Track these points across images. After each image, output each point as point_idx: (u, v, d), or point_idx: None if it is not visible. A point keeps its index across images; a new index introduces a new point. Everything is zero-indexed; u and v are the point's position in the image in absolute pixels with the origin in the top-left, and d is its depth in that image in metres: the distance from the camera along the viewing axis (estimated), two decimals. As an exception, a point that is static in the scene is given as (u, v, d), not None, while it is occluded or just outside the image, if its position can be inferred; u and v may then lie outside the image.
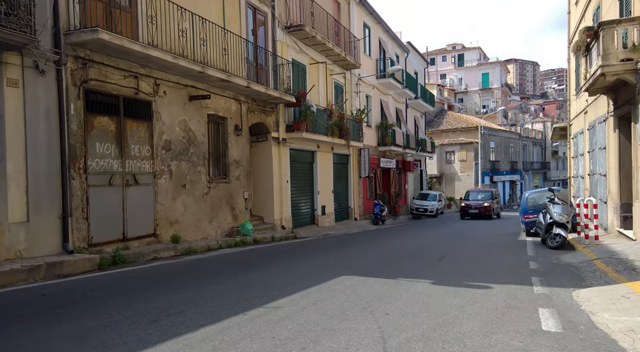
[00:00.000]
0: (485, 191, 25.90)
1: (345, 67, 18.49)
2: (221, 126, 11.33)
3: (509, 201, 41.66)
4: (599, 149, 12.81)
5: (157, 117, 8.97)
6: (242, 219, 11.72)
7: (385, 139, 22.63)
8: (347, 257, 8.85)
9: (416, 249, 10.19)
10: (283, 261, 8.06)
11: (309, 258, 8.61)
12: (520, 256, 8.99)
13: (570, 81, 18.76)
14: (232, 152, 11.54)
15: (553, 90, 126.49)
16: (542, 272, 6.80)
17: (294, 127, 14.28)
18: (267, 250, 9.94)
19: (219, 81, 10.26)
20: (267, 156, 13.57)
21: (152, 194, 8.79)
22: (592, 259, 7.65)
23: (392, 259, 8.54)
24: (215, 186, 10.81)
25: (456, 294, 5.14)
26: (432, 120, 41.92)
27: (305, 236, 13.51)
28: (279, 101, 13.27)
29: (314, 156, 16.54)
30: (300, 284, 5.71)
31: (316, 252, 9.69)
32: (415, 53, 30.00)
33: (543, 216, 10.86)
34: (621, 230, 10.48)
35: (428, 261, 8.30)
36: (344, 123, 16.94)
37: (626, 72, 9.07)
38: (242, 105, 11.97)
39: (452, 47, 67.40)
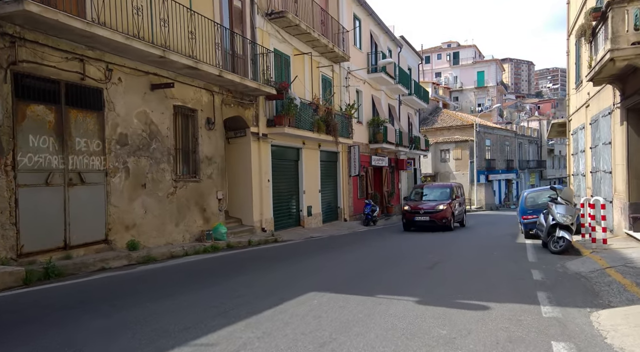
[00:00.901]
0: (442, 186, 17.20)
1: (333, 60, 17.46)
2: (190, 119, 10.26)
3: (505, 200, 40.82)
4: (603, 144, 11.86)
5: (109, 107, 7.89)
6: (214, 222, 10.66)
7: (376, 136, 21.63)
8: (326, 264, 7.82)
9: (405, 254, 9.19)
10: (250, 271, 7.02)
11: (281, 266, 7.58)
12: (521, 262, 8.01)
13: (569, 75, 17.84)
14: (203, 148, 10.47)
15: (548, 90, 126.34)
16: (549, 285, 5.80)
17: (276, 122, 13.23)
18: (239, 257, 8.89)
19: (185, 68, 9.20)
20: (246, 153, 12.52)
21: (103, 194, 7.71)
22: (604, 267, 6.67)
23: (376, 266, 7.52)
24: (182, 185, 9.74)
25: (445, 320, 4.12)
26: (427, 118, 41.02)
27: (288, 239, 12.47)
28: (258, 93, 12.21)
29: (299, 153, 15.50)
30: (255, 305, 4.67)
31: (293, 258, 8.66)
32: (409, 48, 29.03)
33: (544, 217, 9.89)
34: (630, 232, 9.53)
35: (417, 268, 7.30)
36: (332, 118, 15.90)
37: (638, 56, 8.10)
38: (216, 97, 10.91)
39: (447, 45, 66.51)
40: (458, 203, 16.50)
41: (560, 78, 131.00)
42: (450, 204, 15.28)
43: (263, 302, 4.77)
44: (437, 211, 14.82)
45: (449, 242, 11.73)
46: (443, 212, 14.78)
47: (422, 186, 18.09)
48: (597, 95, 12.52)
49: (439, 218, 14.70)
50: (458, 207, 16.36)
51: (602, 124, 11.95)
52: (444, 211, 14.81)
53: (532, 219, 11.89)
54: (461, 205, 17.29)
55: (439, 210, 14.84)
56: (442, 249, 10.31)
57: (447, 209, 14.92)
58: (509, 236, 13.42)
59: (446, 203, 15.17)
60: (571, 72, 17.34)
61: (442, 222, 14.73)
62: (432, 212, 14.85)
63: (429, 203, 15.44)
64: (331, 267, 7.58)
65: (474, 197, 35.56)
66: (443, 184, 18.19)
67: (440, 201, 15.47)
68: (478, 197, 35.68)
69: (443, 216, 14.74)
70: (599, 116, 12.33)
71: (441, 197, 15.81)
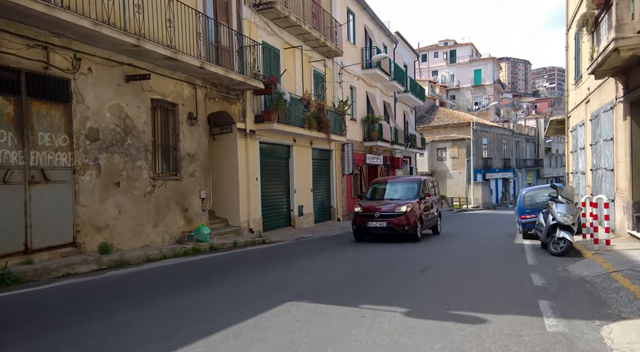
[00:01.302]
0: (407, 180, 13.10)
1: (325, 55, 16.92)
2: (171, 114, 9.70)
3: (502, 199, 40.43)
4: (604, 140, 11.38)
5: (78, 99, 7.32)
6: (197, 222, 10.11)
7: (371, 134, 21.12)
8: (311, 268, 7.29)
9: (396, 256, 8.67)
10: (228, 277, 6.48)
11: (263, 271, 7.04)
12: (520, 265, 7.51)
13: (568, 70, 17.38)
14: (184, 145, 9.92)
15: (544, 89, 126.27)
16: (551, 293, 5.30)
17: (264, 118, 12.68)
18: (220, 260, 8.35)
19: (164, 59, 8.64)
20: (232, 150, 11.97)
21: (71, 193, 7.14)
22: (609, 271, 6.17)
23: (365, 271, 7.00)
24: (162, 183, 9.18)
25: (437, 336, 3.61)
26: (424, 116, 40.58)
27: (276, 240, 11.94)
28: (244, 87, 11.66)
29: (290, 151, 14.96)
30: (223, 319, 4.13)
31: (278, 261, 8.12)
32: (405, 45, 28.52)
33: (544, 216, 9.40)
34: (634, 233, 9.05)
35: (407, 273, 6.78)
36: (324, 115, 15.36)
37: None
38: (198, 91, 10.35)
39: (444, 43, 66.09)
40: (430, 203, 12.43)
41: (557, 77, 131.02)
42: (418, 204, 11.28)
43: (233, 315, 4.24)
44: (397, 214, 10.82)
45: (443, 243, 11.22)
46: (406, 216, 10.75)
47: (385, 180, 13.72)
48: (598, 90, 12.05)
49: (400, 224, 10.69)
50: (430, 208, 12.35)
51: (604, 119, 11.47)
52: (407, 215, 10.77)
53: (530, 219, 11.41)
54: (434, 206, 12.96)
55: (399, 213, 10.82)
56: (435, 249, 9.79)
57: (412, 212, 10.87)
58: (506, 236, 12.94)
59: (411, 203, 11.06)
60: (570, 67, 16.87)
61: (404, 230, 10.71)
62: (390, 216, 10.85)
63: (388, 204, 11.34)
64: (317, 271, 7.05)
65: (471, 196, 35.12)
66: (409, 178, 13.70)
67: (403, 200, 11.38)
68: (475, 196, 35.25)
69: (405, 221, 10.70)
70: (599, 112, 11.86)
71: (406, 195, 11.75)
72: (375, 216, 11.02)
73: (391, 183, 13.01)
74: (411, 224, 10.78)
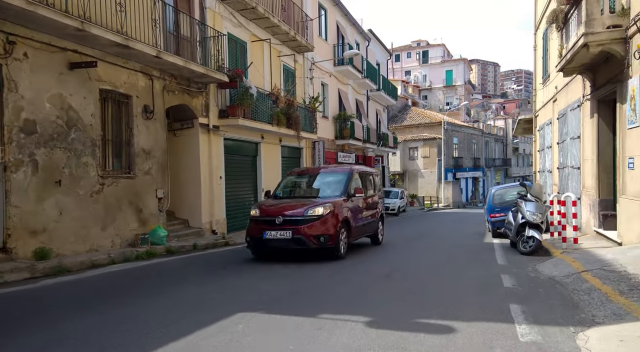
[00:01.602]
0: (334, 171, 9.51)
1: (296, 49, 16.41)
2: (124, 106, 8.97)
3: (472, 198, 41.10)
4: (571, 139, 11.44)
5: (10, 86, 6.54)
6: (153, 224, 9.42)
7: (343, 132, 20.78)
8: (271, 274, 6.79)
9: (365, 260, 8.30)
10: (176, 284, 5.91)
11: (219, 277, 6.49)
12: (490, 266, 7.28)
13: (536, 70, 17.59)
14: (139, 140, 9.21)
15: (512, 91, 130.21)
16: (522, 295, 5.02)
17: (229, 113, 12.07)
18: (173, 265, 7.73)
19: (114, 46, 7.92)
20: (194, 147, 11.30)
21: (1, 193, 6.36)
22: (579, 271, 5.98)
23: (329, 275, 6.57)
24: (112, 182, 8.46)
25: (399, 350, 3.20)
26: (396, 115, 40.71)
27: (240, 242, 11.34)
28: (207, 80, 11.02)
29: (258, 148, 14.38)
30: (149, 342, 3.58)
31: (236, 266, 7.57)
32: (378, 43, 28.38)
33: (513, 215, 9.27)
34: (600, 230, 9.04)
35: (373, 277, 6.40)
36: (293, 111, 14.87)
37: (613, 41, 7.52)
38: (155, 82, 9.65)
39: (416, 43, 66.74)
40: (365, 203, 9.11)
41: (524, 79, 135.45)
42: (341, 206, 7.93)
43: (169, 332, 3.70)
44: (307, 220, 7.41)
45: (414, 244, 10.98)
46: (320, 223, 7.42)
47: (305, 170, 10.43)
48: (565, 88, 12.11)
49: (310, 235, 7.32)
50: (364, 210, 8.99)
51: (570, 118, 11.52)
52: (323, 221, 7.44)
53: (500, 217, 11.32)
54: (373, 207, 9.65)
55: (312, 218, 7.43)
56: (404, 252, 9.50)
57: (331, 216, 7.55)
58: (476, 235, 12.84)
59: (331, 203, 7.71)
60: (538, 66, 17.06)
61: (318, 243, 7.38)
62: (297, 222, 7.42)
63: (296, 205, 7.81)
64: (276, 277, 6.57)
65: (442, 195, 35.47)
66: (336, 169, 10.17)
67: (322, 200, 7.96)
68: (445, 195, 35.62)
69: (321, 230, 7.39)
70: (567, 110, 11.92)
71: (329, 192, 8.36)
72: (277, 222, 7.41)
73: (312, 175, 9.41)
74: (329, 234, 7.37)
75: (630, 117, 7.34)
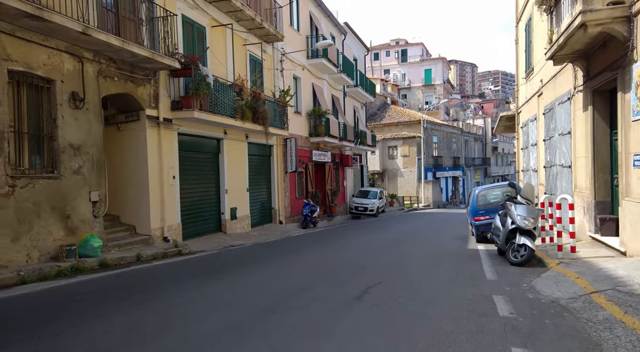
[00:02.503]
0: None
1: (264, 39, 15.07)
2: (44, 93, 7.48)
3: (452, 198, 40.55)
4: (560, 135, 10.51)
5: None
6: (85, 233, 7.96)
7: (318, 129, 19.55)
8: (217, 296, 5.48)
9: (333, 272, 7.08)
10: (83, 317, 4.53)
11: (152, 302, 5.14)
12: (478, 281, 6.15)
13: (517, 64, 16.77)
14: (65, 133, 7.73)
15: (490, 91, 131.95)
16: (525, 332, 3.88)
17: (183, 104, 10.65)
18: (98, 284, 6.32)
19: (24, 17, 6.45)
20: (140, 142, 9.85)
21: None
22: (588, 292, 4.90)
23: (290, 294, 5.31)
24: (27, 183, 6.96)
25: None
26: (375, 113, 39.79)
27: (198, 250, 9.99)
28: (155, 66, 9.59)
29: (220, 145, 13.00)
30: None
31: (181, 284, 6.23)
32: (355, 38, 27.26)
33: (501, 219, 8.22)
34: (597, 237, 8.08)
35: (342, 298, 5.17)
36: (260, 104, 13.53)
37: (615, 20, 6.52)
38: (87, 65, 8.17)
39: (395, 42, 66.23)
40: None
41: (501, 80, 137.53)
42: None
43: None
44: None
45: (392, 250, 9.82)
46: None
47: None
48: (552, 80, 11.19)
49: None
50: None
51: (559, 112, 10.60)
52: None
53: (485, 221, 10.30)
54: None
55: None
56: (380, 262, 8.33)
57: None
58: (458, 239, 11.80)
59: None
60: (520, 60, 16.23)
61: None
62: None
63: None
64: (221, 301, 5.26)
65: (422, 194, 34.70)
66: None
67: None
68: (425, 195, 34.87)
69: None
70: (554, 104, 11.00)
71: None
72: None
73: None
74: None
75: (635, 107, 6.35)
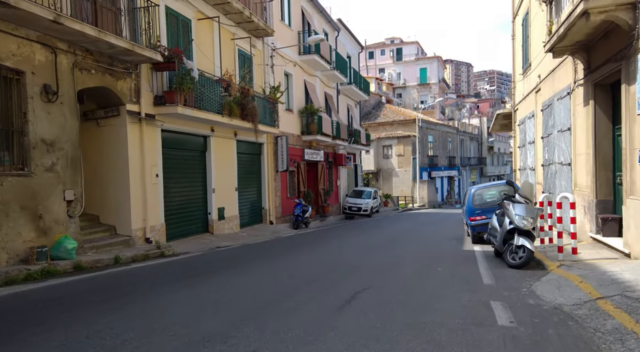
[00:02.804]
0: None
1: (253, 33, 14.62)
2: (14, 85, 6.98)
3: (447, 198, 40.24)
4: (559, 131, 10.14)
5: None
6: (59, 234, 7.47)
7: (310, 127, 19.09)
8: (192, 302, 5.02)
9: (320, 275, 6.63)
10: (66, 321, 4.06)
11: (127, 306, 4.67)
12: (474, 286, 5.74)
13: (514, 60, 16.42)
14: (37, 128, 7.23)
15: (485, 91, 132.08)
16: (528, 344, 3.46)
17: (166, 99, 10.16)
18: (74, 288, 5.83)
19: (-15, 2, 5.97)
20: (120, 138, 9.36)
21: None
22: (594, 298, 4.50)
23: (270, 302, 4.86)
24: (-9, 181, 6.48)
25: None
26: (370, 112, 39.40)
27: (182, 252, 9.52)
28: (135, 58, 9.11)
29: (207, 142, 12.52)
30: None
31: (156, 288, 5.75)
32: (349, 35, 26.84)
33: (498, 219, 7.83)
34: (598, 237, 7.70)
35: (327, 305, 4.73)
36: (249, 101, 13.07)
37: (619, 7, 6.13)
38: (61, 57, 7.68)
39: (390, 41, 65.85)
40: None
41: (497, 80, 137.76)
42: None
43: None
44: None
45: (385, 251, 9.40)
46: None
47: None
48: (551, 75, 10.82)
49: None
50: None
51: (558, 108, 10.23)
52: None
53: (481, 221, 9.92)
54: None
55: None
56: (371, 265, 7.90)
57: None
58: (453, 240, 11.40)
59: None
60: (517, 56, 15.89)
61: None
62: None
63: None
64: (204, 305, 4.80)
65: (417, 194, 34.35)
66: None
67: None
68: (421, 195, 34.52)
69: None
70: (553, 100, 10.63)
71: None
72: None
73: None
74: None
75: (641, 99, 5.96)
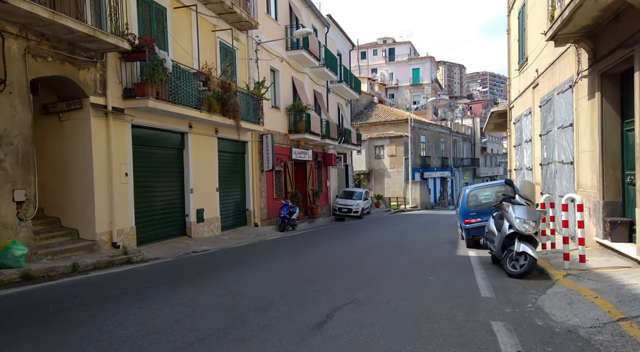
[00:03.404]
0: None
1: (236, 26, 13.82)
2: (-54, 70, 6.13)
3: (440, 199, 39.68)
4: (560, 128, 9.47)
5: None
6: (7, 239, 6.60)
7: (298, 125, 18.31)
8: (146, 319, 4.21)
9: (298, 286, 5.85)
10: None
11: (44, 333, 3.85)
12: (471, 300, 4.99)
13: (510, 56, 15.81)
14: (-24, 120, 6.38)
15: (478, 92, 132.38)
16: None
17: (136, 92, 9.33)
18: (11, 303, 4.99)
19: None
20: (84, 134, 8.52)
21: None
22: (615, 318, 3.77)
23: (235, 321, 4.07)
24: None
25: None
26: (362, 112, 38.73)
27: (153, 257, 8.71)
28: (100, 46, 8.26)
29: (185, 140, 11.68)
30: None
31: (110, 302, 4.93)
32: (339, 32, 26.12)
33: (496, 222, 7.11)
34: (606, 242, 7.01)
35: (298, 325, 3.95)
36: (230, 96, 12.26)
37: (634, -16, 5.46)
38: (10, 41, 6.83)
39: (382, 41, 65.36)
40: None
41: (489, 81, 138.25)
42: None
43: None
44: None
45: (373, 257, 8.64)
46: None
47: None
48: (550, 68, 10.16)
49: None
50: None
51: (559, 103, 9.56)
52: None
53: (476, 224, 9.21)
54: None
55: None
56: (357, 273, 7.14)
57: None
58: (447, 244, 10.68)
59: None
60: (512, 52, 15.27)
61: None
62: None
63: None
64: (162, 326, 3.99)
65: (409, 195, 33.71)
66: None
67: None
68: (413, 196, 33.89)
69: None
70: (552, 94, 9.96)
71: None
72: None
73: None
74: None
75: (659, 88, 5.27)
